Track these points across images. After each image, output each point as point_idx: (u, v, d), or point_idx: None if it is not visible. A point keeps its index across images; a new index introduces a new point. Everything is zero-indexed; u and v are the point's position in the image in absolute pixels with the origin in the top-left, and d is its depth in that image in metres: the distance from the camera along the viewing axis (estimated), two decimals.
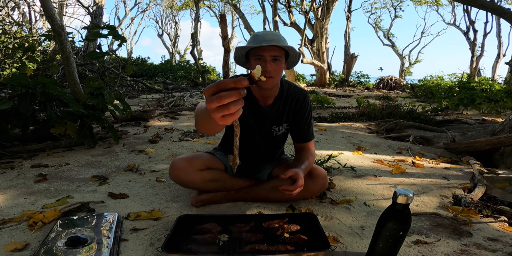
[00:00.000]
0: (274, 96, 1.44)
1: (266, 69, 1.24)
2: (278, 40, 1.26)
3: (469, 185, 1.90)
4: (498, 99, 5.19)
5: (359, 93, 9.37)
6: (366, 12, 21.16)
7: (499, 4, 3.93)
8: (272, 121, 1.50)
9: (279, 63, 1.28)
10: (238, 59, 1.38)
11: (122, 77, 6.83)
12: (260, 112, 1.46)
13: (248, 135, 1.52)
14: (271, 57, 1.25)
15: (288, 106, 1.47)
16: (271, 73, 1.26)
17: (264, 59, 1.25)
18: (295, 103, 1.47)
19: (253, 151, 1.60)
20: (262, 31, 1.36)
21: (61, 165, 2.14)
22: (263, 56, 1.25)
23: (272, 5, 12.08)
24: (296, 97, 1.47)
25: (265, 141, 1.56)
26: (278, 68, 1.28)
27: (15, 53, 4.83)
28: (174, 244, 1.09)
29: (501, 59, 15.55)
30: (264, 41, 1.24)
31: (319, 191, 1.55)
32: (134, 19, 25.24)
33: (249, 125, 1.49)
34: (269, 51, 1.24)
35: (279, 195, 1.49)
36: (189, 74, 11.48)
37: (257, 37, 1.29)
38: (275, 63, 1.26)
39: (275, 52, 1.25)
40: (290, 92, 1.46)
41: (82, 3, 10.78)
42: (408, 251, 1.15)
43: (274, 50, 1.25)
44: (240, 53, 1.34)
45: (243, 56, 1.36)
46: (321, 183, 1.49)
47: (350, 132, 3.59)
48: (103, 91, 2.63)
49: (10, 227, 1.27)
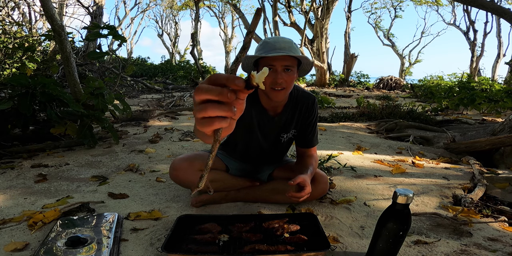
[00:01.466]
0: (283, 104, 1.37)
1: (277, 81, 1.15)
2: (290, 48, 1.17)
3: (469, 185, 1.90)
4: (498, 99, 5.19)
5: (359, 93, 9.37)
6: (366, 12, 21.19)
7: (499, 4, 3.93)
8: (281, 129, 1.44)
9: (291, 73, 1.18)
10: (246, 68, 1.27)
11: (122, 77, 6.83)
12: (270, 122, 1.40)
13: (255, 142, 1.48)
14: (283, 67, 1.15)
15: (297, 112, 1.41)
16: (282, 85, 1.17)
17: (275, 70, 1.15)
18: (304, 109, 1.41)
19: (258, 155, 1.58)
20: (273, 37, 1.25)
21: (61, 165, 2.14)
22: (274, 65, 1.15)
23: (272, 5, 12.07)
24: (306, 103, 1.40)
25: (271, 147, 1.53)
26: (290, 79, 1.18)
27: (15, 53, 4.82)
28: (174, 244, 1.09)
29: (501, 59, 15.55)
30: (275, 50, 1.15)
31: (320, 195, 1.55)
32: (134, 19, 25.24)
33: (256, 133, 1.44)
34: (281, 61, 1.15)
35: (280, 197, 1.49)
36: (189, 74, 11.47)
37: (267, 45, 1.19)
38: (286, 73, 1.17)
39: (287, 62, 1.15)
40: (299, 98, 1.39)
41: (82, 3, 10.77)
42: (408, 251, 1.15)
43: (286, 59, 1.15)
44: (249, 62, 1.24)
45: (251, 65, 1.25)
46: (322, 188, 1.49)
47: (350, 132, 3.59)
48: (103, 91, 2.63)
49: (10, 227, 1.27)
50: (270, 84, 1.17)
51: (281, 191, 1.46)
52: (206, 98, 0.41)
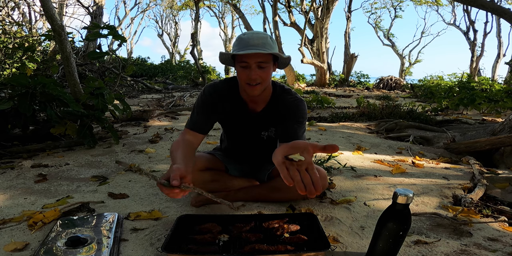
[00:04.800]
0: (265, 101, 1.37)
1: (252, 77, 1.18)
2: (264, 44, 1.17)
3: (469, 185, 1.90)
4: (498, 99, 5.19)
5: (359, 93, 9.38)
6: (366, 12, 21.17)
7: (499, 4, 3.93)
8: (260, 126, 1.43)
9: (266, 70, 1.20)
10: (225, 62, 1.32)
11: (122, 77, 6.83)
12: (249, 118, 1.40)
13: (239, 139, 1.52)
14: (256, 64, 1.17)
15: (277, 112, 1.37)
16: (257, 80, 1.20)
17: (249, 66, 1.18)
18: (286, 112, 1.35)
19: (246, 153, 1.60)
20: (247, 33, 1.23)
21: (61, 165, 2.14)
22: (248, 62, 1.17)
23: (272, 5, 12.07)
24: (286, 104, 1.36)
25: (254, 144, 1.53)
26: (265, 74, 1.20)
27: (15, 53, 4.83)
28: (174, 244, 1.09)
29: (501, 59, 15.55)
30: (248, 47, 1.16)
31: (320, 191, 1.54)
32: (134, 19, 25.27)
33: (237, 129, 1.47)
34: (254, 58, 1.16)
35: (279, 195, 1.49)
36: (189, 74, 11.47)
37: (241, 41, 1.19)
38: (261, 70, 1.19)
39: (260, 58, 1.17)
40: (280, 99, 1.37)
41: (82, 3, 10.77)
42: (408, 251, 1.15)
43: (259, 56, 1.16)
44: (226, 57, 1.29)
45: (229, 59, 1.29)
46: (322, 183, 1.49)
47: (350, 132, 3.59)
48: (103, 91, 2.63)
49: (10, 227, 1.27)
50: (245, 80, 1.21)
51: (281, 188, 1.47)
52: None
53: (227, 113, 1.40)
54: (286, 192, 1.48)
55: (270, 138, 1.49)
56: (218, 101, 1.37)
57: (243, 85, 1.25)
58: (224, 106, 1.38)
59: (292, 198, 1.54)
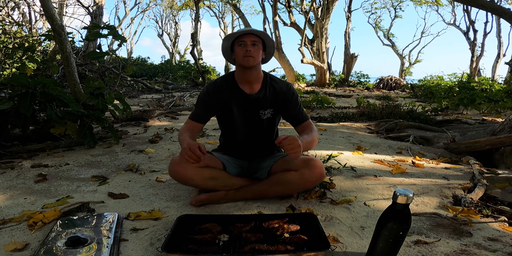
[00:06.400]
0: (258, 83, 1.60)
1: (247, 49, 1.49)
2: (255, 30, 1.53)
3: (469, 185, 1.90)
4: (498, 99, 5.19)
5: (359, 93, 9.37)
6: (366, 12, 21.12)
7: (499, 4, 3.93)
8: (258, 106, 1.61)
9: (258, 48, 1.53)
10: (225, 52, 1.62)
11: (122, 77, 6.83)
12: (246, 100, 1.59)
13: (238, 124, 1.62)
14: (251, 42, 1.51)
15: (271, 94, 1.62)
16: (251, 53, 1.49)
17: (245, 44, 1.51)
18: (282, 95, 1.62)
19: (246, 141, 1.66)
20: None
21: (61, 165, 2.14)
22: (244, 41, 1.50)
23: (272, 5, 12.05)
24: (279, 88, 1.62)
25: (254, 127, 1.63)
26: (257, 50, 1.52)
27: (15, 53, 4.83)
28: (174, 244, 1.09)
29: (501, 59, 15.53)
30: (243, 31, 1.54)
31: (318, 180, 1.55)
32: (134, 19, 25.22)
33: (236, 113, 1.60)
34: (249, 37, 1.51)
35: (280, 188, 1.53)
36: (189, 74, 11.45)
37: (237, 31, 1.58)
38: (254, 47, 1.51)
39: (254, 38, 1.52)
40: (272, 84, 1.63)
41: (82, 3, 10.77)
42: (408, 251, 1.15)
43: (253, 37, 1.52)
44: (227, 45, 1.58)
45: (229, 50, 1.59)
46: (318, 172, 1.50)
47: (350, 132, 3.59)
48: (103, 91, 2.63)
49: (10, 227, 1.27)
50: (242, 54, 1.51)
51: (281, 182, 1.50)
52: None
53: (228, 100, 1.61)
54: (286, 185, 1.51)
55: (269, 119, 1.63)
56: (218, 94, 1.60)
57: (240, 60, 1.53)
58: (224, 96, 1.60)
59: (293, 192, 1.59)
